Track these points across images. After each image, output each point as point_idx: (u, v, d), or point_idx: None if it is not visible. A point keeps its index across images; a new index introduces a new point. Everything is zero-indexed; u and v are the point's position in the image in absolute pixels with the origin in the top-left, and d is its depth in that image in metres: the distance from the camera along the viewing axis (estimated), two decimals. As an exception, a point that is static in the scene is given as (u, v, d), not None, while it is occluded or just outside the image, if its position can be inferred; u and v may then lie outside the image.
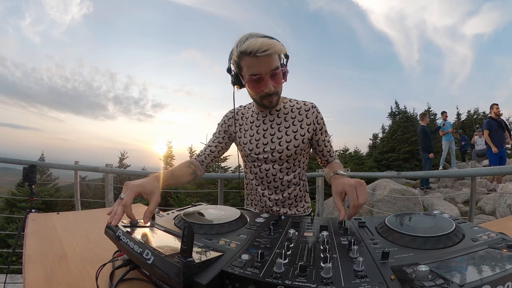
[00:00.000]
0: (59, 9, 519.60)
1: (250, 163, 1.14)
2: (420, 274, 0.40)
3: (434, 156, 6.41)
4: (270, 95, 0.97)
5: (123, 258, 0.63)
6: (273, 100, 1.00)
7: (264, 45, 0.86)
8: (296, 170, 1.11)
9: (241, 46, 0.89)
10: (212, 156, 1.17)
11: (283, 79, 0.99)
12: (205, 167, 1.18)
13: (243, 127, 1.14)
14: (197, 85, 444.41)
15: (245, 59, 0.91)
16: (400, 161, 12.97)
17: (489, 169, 3.26)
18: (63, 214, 1.25)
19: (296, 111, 1.09)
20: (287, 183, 1.11)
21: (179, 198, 9.45)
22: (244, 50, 0.88)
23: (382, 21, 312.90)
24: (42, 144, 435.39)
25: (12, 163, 3.06)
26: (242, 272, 0.47)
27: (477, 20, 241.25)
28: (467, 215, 2.68)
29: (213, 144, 1.18)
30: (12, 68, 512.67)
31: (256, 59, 0.88)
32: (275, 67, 0.92)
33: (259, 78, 0.92)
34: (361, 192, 0.75)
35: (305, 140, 1.07)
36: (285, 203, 1.13)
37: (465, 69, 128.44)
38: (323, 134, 1.12)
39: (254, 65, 0.90)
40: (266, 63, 0.90)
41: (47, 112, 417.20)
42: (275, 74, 0.94)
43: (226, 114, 1.21)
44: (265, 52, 0.87)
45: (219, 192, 3.07)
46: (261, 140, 1.08)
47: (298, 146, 1.06)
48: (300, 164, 1.12)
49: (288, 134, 1.06)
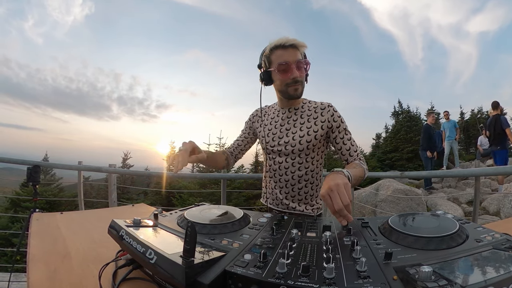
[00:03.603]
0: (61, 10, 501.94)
1: (267, 156, 1.25)
2: (423, 275, 0.40)
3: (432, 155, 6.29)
4: (295, 83, 1.10)
5: (126, 257, 0.64)
6: (298, 88, 1.12)
7: (290, 40, 1.08)
8: (308, 166, 1.16)
9: (273, 42, 1.10)
10: (239, 149, 1.35)
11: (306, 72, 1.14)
12: (234, 158, 1.36)
13: (264, 123, 1.26)
14: (201, 86, 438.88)
15: (275, 52, 1.10)
16: (403, 161, 12.89)
17: (494, 169, 3.22)
18: (67, 214, 1.26)
19: (312, 109, 1.17)
20: (297, 178, 1.17)
21: (182, 198, 9.48)
22: (275, 44, 1.09)
23: (385, 19, 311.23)
24: (46, 145, 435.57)
25: (16, 163, 3.09)
26: (244, 272, 0.47)
27: (482, 18, 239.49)
28: (471, 215, 2.66)
29: (240, 139, 1.36)
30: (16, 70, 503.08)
31: (284, 50, 1.08)
32: (299, 58, 1.10)
33: (286, 65, 1.08)
34: (334, 198, 0.71)
35: (318, 137, 1.13)
36: (295, 198, 1.19)
37: (469, 68, 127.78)
38: (341, 132, 1.15)
39: (283, 55, 1.08)
40: (293, 54, 1.08)
41: (51, 112, 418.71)
42: (300, 65, 1.10)
43: (252, 113, 1.36)
44: (291, 44, 1.07)
45: (222, 192, 3.07)
46: (277, 134, 1.19)
47: (310, 142, 1.13)
48: (313, 161, 1.17)
49: (302, 130, 1.14)
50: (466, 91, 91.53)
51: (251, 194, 10.24)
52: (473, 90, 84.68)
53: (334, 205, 0.70)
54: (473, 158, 10.47)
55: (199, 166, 13.11)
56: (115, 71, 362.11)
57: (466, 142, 15.79)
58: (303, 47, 1.11)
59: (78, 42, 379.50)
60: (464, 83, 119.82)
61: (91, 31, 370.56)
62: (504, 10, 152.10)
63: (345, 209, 0.70)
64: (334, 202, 0.71)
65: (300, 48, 1.10)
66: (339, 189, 0.72)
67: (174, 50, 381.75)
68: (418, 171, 9.05)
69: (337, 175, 0.80)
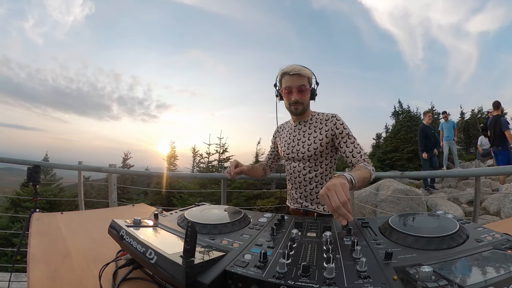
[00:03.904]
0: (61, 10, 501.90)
1: (285, 162, 1.47)
2: (423, 275, 0.40)
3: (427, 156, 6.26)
4: (295, 103, 1.31)
5: (126, 257, 0.64)
6: (298, 108, 1.33)
7: (296, 69, 1.27)
8: (317, 170, 1.33)
9: (283, 68, 1.32)
10: (271, 161, 1.63)
11: (309, 96, 1.34)
12: (269, 168, 1.64)
13: (282, 136, 1.51)
14: (201, 86, 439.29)
15: (284, 77, 1.31)
16: (403, 161, 12.88)
17: (494, 169, 3.22)
18: (67, 214, 1.26)
19: (319, 121, 1.36)
20: (309, 180, 1.34)
21: (182, 198, 9.48)
22: (284, 71, 1.31)
23: (386, 19, 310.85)
24: (46, 145, 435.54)
25: (16, 163, 3.09)
26: (244, 272, 0.47)
27: (482, 17, 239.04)
28: (471, 215, 2.66)
29: (270, 152, 1.65)
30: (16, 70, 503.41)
31: (290, 77, 1.28)
32: (301, 84, 1.28)
33: (289, 89, 1.30)
34: (332, 196, 0.72)
35: (323, 144, 1.30)
36: (307, 197, 1.36)
37: (469, 67, 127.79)
38: (344, 137, 1.28)
39: (288, 80, 1.29)
40: (296, 80, 1.28)
41: (51, 113, 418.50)
42: (301, 90, 1.29)
43: (274, 130, 1.62)
44: (295, 73, 1.27)
45: (222, 192, 3.07)
46: (291, 144, 1.41)
47: (317, 149, 1.30)
48: (322, 165, 1.34)
49: (310, 139, 1.34)
50: (466, 91, 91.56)
51: (251, 194, 10.24)
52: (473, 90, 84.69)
53: (332, 203, 0.71)
54: (473, 158, 10.45)
55: (199, 167, 13.13)
56: (115, 71, 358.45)
57: (466, 142, 15.77)
58: (307, 76, 1.30)
59: (78, 42, 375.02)
60: (464, 83, 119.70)
61: (91, 31, 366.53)
62: (504, 10, 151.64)
63: (343, 207, 0.70)
64: (331, 200, 0.72)
65: (304, 75, 1.28)
66: (336, 188, 0.73)
67: (174, 50, 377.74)
68: (418, 171, 9.04)
69: (337, 178, 0.82)
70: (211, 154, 12.62)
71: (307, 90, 1.32)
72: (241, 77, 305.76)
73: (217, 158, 12.53)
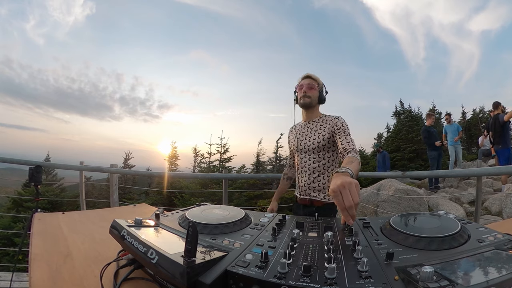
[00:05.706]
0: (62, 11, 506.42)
1: (296, 154, 1.75)
2: (425, 275, 0.40)
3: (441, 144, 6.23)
4: (304, 96, 1.64)
5: (128, 257, 0.64)
6: (306, 101, 1.64)
7: (309, 74, 1.70)
8: (321, 161, 1.60)
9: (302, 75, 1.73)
10: (292, 160, 1.88)
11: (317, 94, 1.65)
12: (293, 167, 1.88)
13: (293, 133, 1.80)
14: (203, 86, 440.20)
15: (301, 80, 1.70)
16: (405, 161, 12.86)
17: (496, 169, 3.21)
18: (68, 213, 1.26)
19: (325, 121, 1.63)
20: (313, 169, 1.61)
21: (183, 198, 9.49)
22: (302, 76, 1.72)
23: (387, 18, 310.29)
24: (48, 145, 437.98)
25: (18, 163, 3.10)
26: (246, 272, 0.47)
27: (484, 16, 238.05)
28: (473, 215, 2.65)
29: (290, 151, 1.90)
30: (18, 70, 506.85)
31: (303, 79, 1.69)
32: (310, 83, 1.65)
33: (301, 86, 1.66)
34: (346, 195, 0.73)
35: (325, 139, 1.57)
36: (310, 185, 1.61)
37: (471, 67, 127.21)
38: (340, 132, 1.50)
39: (301, 81, 1.69)
40: (307, 80, 1.67)
41: (52, 113, 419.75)
42: (310, 86, 1.64)
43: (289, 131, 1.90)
44: (307, 75, 1.70)
45: (223, 192, 3.07)
46: (300, 138, 1.70)
47: (320, 143, 1.58)
48: (325, 157, 1.59)
49: (315, 135, 1.62)
50: (468, 90, 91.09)
51: (252, 194, 10.24)
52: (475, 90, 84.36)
53: (345, 202, 0.72)
54: (475, 158, 10.42)
55: (200, 167, 13.14)
56: (117, 71, 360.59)
57: (467, 142, 15.73)
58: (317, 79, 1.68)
59: (79, 43, 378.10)
60: (466, 83, 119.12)
61: (92, 31, 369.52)
62: (507, 9, 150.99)
63: (354, 208, 0.71)
64: (345, 199, 0.72)
65: (314, 78, 1.68)
66: (351, 188, 0.74)
67: (176, 50, 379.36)
68: (419, 171, 9.00)
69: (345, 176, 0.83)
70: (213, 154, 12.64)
71: (315, 88, 1.65)
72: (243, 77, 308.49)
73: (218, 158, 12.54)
